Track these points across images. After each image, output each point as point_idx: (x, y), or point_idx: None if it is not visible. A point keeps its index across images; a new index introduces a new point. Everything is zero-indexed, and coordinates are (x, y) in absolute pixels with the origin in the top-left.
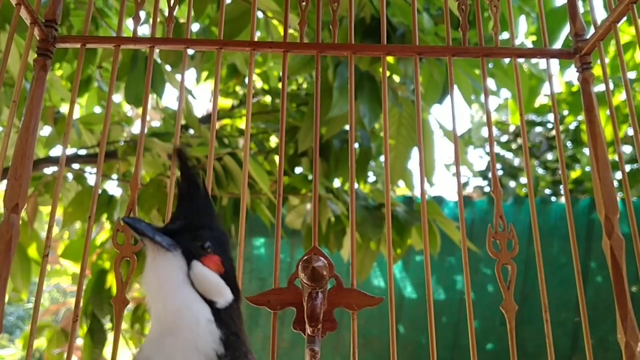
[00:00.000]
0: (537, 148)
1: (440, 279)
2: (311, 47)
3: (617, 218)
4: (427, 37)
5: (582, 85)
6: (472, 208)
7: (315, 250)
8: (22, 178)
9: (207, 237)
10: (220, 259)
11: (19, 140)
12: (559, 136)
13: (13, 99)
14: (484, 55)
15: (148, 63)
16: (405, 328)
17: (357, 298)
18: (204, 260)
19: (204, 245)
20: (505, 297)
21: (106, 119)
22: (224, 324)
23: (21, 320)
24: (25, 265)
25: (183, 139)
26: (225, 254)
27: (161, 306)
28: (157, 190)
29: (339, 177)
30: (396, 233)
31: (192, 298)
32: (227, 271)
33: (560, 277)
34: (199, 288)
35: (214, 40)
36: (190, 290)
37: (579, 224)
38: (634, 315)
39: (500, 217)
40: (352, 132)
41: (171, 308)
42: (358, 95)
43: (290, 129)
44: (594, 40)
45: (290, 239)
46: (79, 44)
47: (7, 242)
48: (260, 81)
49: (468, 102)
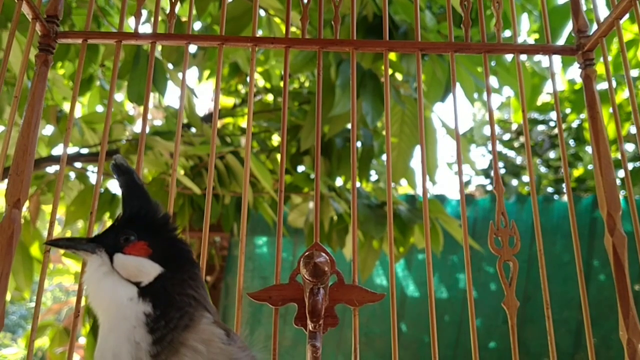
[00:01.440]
0: (539, 146)
1: (443, 277)
2: (313, 43)
3: (619, 215)
4: (429, 34)
5: (584, 82)
6: (474, 206)
7: (316, 246)
8: (23, 173)
9: (133, 229)
10: (146, 244)
11: (20, 136)
12: (562, 134)
13: (15, 94)
14: (486, 52)
15: (149, 59)
16: (407, 326)
17: (358, 294)
18: (127, 250)
19: (128, 238)
20: (507, 293)
21: (107, 115)
22: (151, 296)
23: (24, 319)
24: (28, 264)
25: (185, 138)
26: (155, 237)
27: (96, 303)
28: (159, 189)
29: (341, 175)
30: (399, 231)
31: (116, 285)
32: (155, 251)
33: (563, 276)
34: (125, 275)
35: (215, 36)
36: (115, 279)
37: (581, 222)
38: (636, 312)
39: (502, 213)
40: (354, 128)
41: (101, 301)
42: (361, 93)
43: (292, 127)
44: (597, 37)
45: (293, 237)
46: (80, 39)
47: (9, 237)
48: (262, 80)
49: (470, 100)
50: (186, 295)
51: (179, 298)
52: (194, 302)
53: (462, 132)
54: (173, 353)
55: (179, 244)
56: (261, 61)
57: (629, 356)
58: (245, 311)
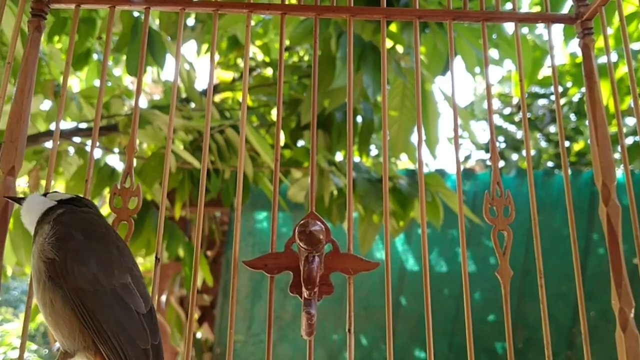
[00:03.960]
0: (540, 120)
1: (443, 251)
2: (309, 10)
3: (614, 185)
4: (430, 5)
5: (582, 51)
6: (474, 181)
7: (312, 215)
8: (17, 141)
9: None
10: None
11: (14, 103)
12: (559, 105)
13: (7, 60)
14: (484, 20)
15: (144, 26)
16: (407, 300)
17: (353, 263)
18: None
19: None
20: (501, 262)
21: (102, 81)
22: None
23: (25, 294)
24: (29, 239)
25: (184, 112)
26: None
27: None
28: (159, 163)
29: (341, 150)
30: (399, 205)
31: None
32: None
33: (562, 250)
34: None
35: (210, 2)
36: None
37: (581, 195)
38: (628, 282)
39: (497, 183)
40: (351, 100)
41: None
42: (362, 66)
43: (292, 101)
44: (596, 5)
45: (293, 212)
46: (73, 4)
47: (4, 206)
48: (261, 54)
49: (471, 73)
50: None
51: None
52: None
53: (464, 106)
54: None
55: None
56: (260, 34)
57: (620, 325)
58: (246, 285)
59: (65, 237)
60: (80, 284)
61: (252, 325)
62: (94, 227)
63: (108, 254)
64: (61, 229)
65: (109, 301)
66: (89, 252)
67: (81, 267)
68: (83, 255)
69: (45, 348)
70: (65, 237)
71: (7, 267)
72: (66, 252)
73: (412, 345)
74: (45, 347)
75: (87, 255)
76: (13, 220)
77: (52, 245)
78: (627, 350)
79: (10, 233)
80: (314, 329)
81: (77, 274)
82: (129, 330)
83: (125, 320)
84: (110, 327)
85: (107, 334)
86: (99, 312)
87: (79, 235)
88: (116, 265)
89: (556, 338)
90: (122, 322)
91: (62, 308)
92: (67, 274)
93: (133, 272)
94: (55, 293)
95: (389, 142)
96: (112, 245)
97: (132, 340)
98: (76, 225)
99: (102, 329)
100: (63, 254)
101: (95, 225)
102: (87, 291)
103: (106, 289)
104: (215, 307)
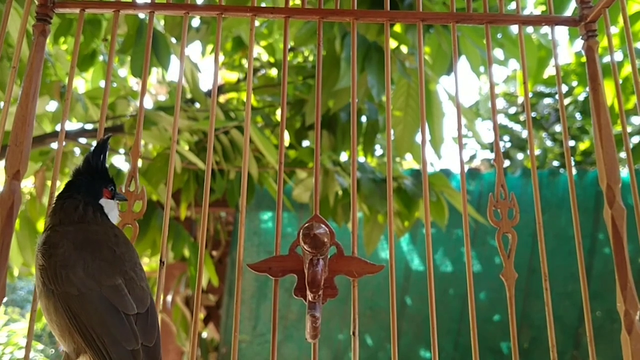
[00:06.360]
0: (545, 120)
1: (448, 251)
2: (313, 13)
3: (618, 187)
4: (434, 6)
5: (586, 53)
6: (479, 180)
7: (316, 218)
8: (22, 144)
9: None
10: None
11: (19, 107)
12: (562, 106)
13: (12, 64)
14: (488, 22)
15: (148, 29)
16: (412, 300)
17: (357, 265)
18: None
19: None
20: (506, 265)
21: (107, 82)
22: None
23: (31, 294)
24: (35, 239)
25: (189, 113)
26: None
27: None
28: (164, 164)
29: (346, 150)
30: (404, 206)
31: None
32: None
33: (568, 249)
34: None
35: (214, 6)
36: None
37: (587, 195)
38: (633, 284)
39: (501, 185)
40: (354, 101)
41: None
42: (366, 66)
43: (297, 102)
44: (600, 7)
45: (298, 212)
46: (77, 8)
47: (9, 208)
48: (265, 54)
49: (476, 73)
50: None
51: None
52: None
53: (469, 106)
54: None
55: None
56: (265, 35)
57: (625, 327)
58: (252, 285)
59: (57, 244)
60: (66, 289)
61: (257, 325)
62: (87, 235)
63: (98, 259)
64: (53, 237)
65: (94, 304)
66: (77, 258)
67: (68, 272)
68: (71, 262)
69: (52, 348)
70: (56, 245)
71: (13, 267)
72: (56, 259)
73: (417, 345)
74: (51, 347)
75: (75, 261)
76: (19, 220)
77: (43, 253)
78: (633, 352)
79: (17, 233)
80: (319, 332)
81: (64, 279)
82: (114, 332)
83: (110, 322)
84: (95, 329)
85: (92, 336)
86: (84, 314)
87: (69, 243)
88: (105, 270)
89: (562, 338)
90: (107, 324)
91: (55, 312)
92: (56, 279)
93: (128, 274)
94: (48, 298)
95: (393, 142)
96: (107, 250)
97: (116, 341)
98: (68, 234)
99: (86, 331)
100: (53, 261)
101: (90, 233)
102: (72, 295)
103: (92, 292)
104: (221, 307)
